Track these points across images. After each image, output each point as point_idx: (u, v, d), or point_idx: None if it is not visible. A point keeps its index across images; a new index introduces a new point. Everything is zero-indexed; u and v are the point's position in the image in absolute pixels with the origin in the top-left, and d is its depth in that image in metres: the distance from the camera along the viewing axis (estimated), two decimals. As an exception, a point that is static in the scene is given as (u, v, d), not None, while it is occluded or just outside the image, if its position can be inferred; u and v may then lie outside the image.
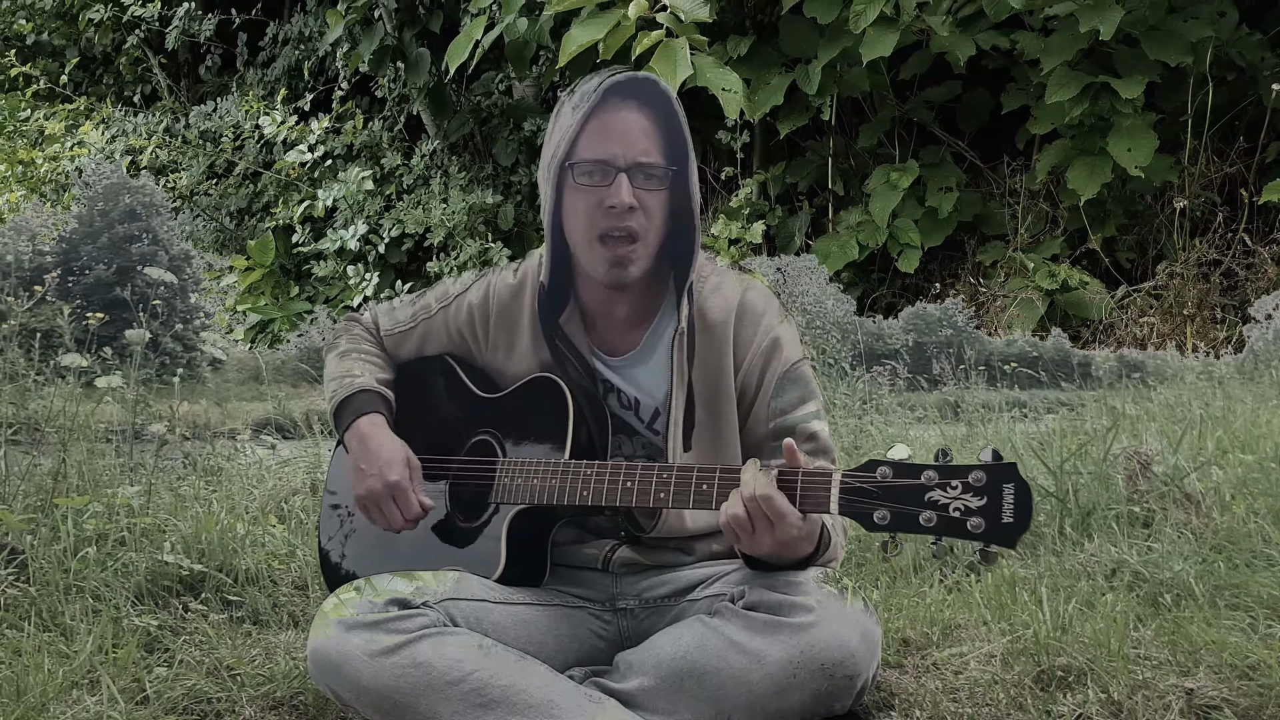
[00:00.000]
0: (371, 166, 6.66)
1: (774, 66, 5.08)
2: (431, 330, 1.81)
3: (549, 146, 1.61)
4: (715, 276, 1.69)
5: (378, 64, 6.31)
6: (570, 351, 1.66)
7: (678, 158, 1.58)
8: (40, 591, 2.08)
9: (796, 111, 5.23)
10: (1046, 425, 3.82)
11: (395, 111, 7.07)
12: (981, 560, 1.30)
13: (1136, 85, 4.30)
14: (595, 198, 1.55)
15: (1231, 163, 5.07)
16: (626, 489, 1.51)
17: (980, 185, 5.66)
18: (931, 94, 5.56)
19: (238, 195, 7.30)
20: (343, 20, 6.16)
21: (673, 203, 1.60)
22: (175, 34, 7.67)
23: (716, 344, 1.64)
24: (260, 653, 1.92)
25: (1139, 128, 4.44)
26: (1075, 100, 4.38)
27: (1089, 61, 4.50)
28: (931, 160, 5.45)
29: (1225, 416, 3.72)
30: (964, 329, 4.90)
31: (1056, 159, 4.85)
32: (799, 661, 1.43)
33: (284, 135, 6.76)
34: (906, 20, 4.37)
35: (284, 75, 7.66)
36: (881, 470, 1.34)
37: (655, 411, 1.66)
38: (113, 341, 3.55)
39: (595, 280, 1.62)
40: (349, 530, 1.80)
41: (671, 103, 1.58)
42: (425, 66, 6.21)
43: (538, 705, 1.42)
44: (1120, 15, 4.02)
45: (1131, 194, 5.08)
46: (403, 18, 6.18)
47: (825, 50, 4.72)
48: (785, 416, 1.64)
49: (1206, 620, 1.98)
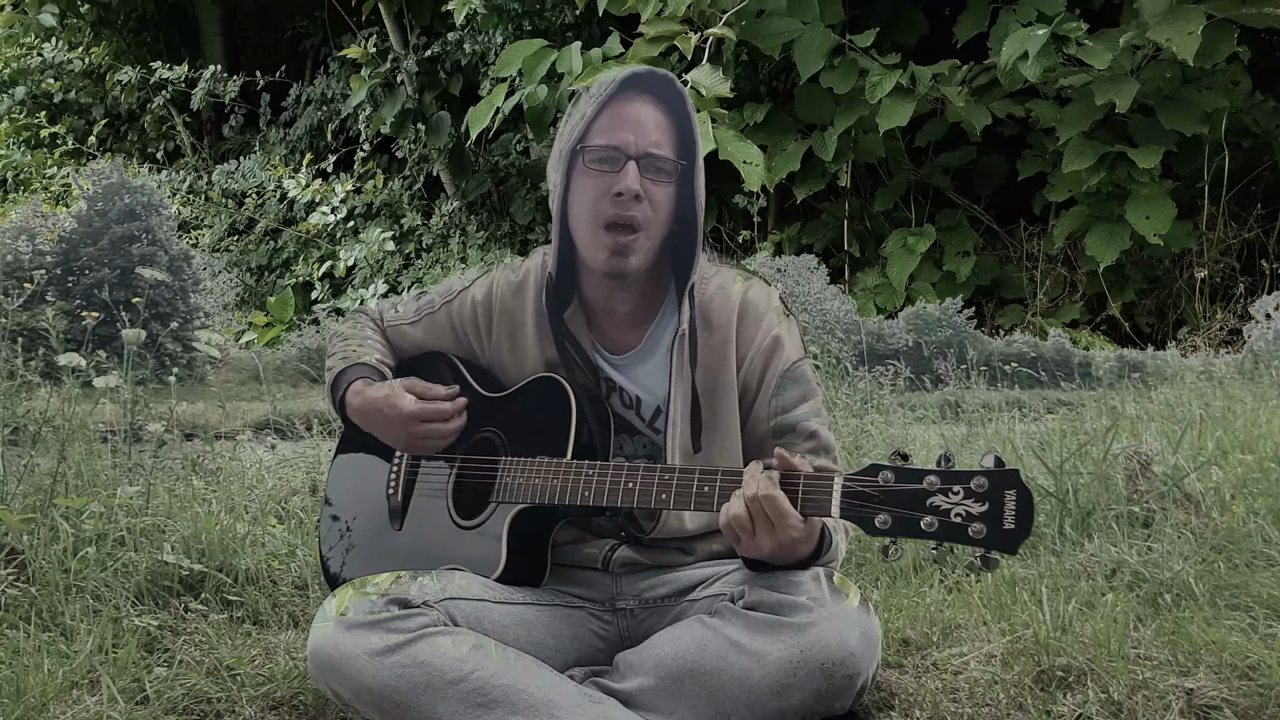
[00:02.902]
0: (391, 226, 6.80)
1: (790, 132, 5.14)
2: (435, 325, 1.81)
3: (563, 134, 1.62)
4: (717, 276, 1.69)
5: (399, 127, 6.51)
6: (574, 347, 1.66)
7: (687, 154, 1.59)
8: (40, 591, 2.07)
9: (813, 176, 5.28)
10: (1046, 425, 3.82)
11: (415, 171, 7.25)
12: (982, 565, 1.30)
13: (1153, 155, 4.33)
14: (604, 184, 1.56)
15: (1250, 228, 5.09)
16: (628, 490, 1.51)
17: (997, 249, 5.68)
18: (947, 159, 5.60)
19: (258, 252, 7.50)
20: (366, 85, 6.35)
21: (678, 200, 1.60)
22: (201, 95, 7.85)
23: (719, 343, 1.64)
24: (260, 653, 1.92)
25: (1157, 196, 4.46)
26: (1092, 169, 4.41)
27: (1105, 129, 4.51)
28: (948, 224, 5.49)
29: (1225, 416, 3.72)
30: (964, 329, 4.90)
31: (1074, 225, 4.86)
32: (799, 661, 1.43)
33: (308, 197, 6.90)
34: (922, 91, 4.41)
35: (306, 135, 7.86)
36: (883, 474, 1.34)
37: (656, 410, 1.66)
38: (111, 342, 3.55)
39: (595, 271, 1.62)
40: (349, 530, 1.80)
41: (685, 102, 1.60)
42: (445, 129, 6.40)
43: (537, 705, 1.42)
44: (1136, 88, 4.05)
45: (1150, 259, 5.09)
46: (423, 81, 6.38)
47: (841, 118, 4.77)
48: (785, 415, 1.64)
49: (1206, 620, 1.98)
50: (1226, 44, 4.07)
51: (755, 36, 4.30)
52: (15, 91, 8.96)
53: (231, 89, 7.77)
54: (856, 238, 5.68)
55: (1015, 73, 4.17)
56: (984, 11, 4.73)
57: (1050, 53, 4.00)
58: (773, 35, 4.29)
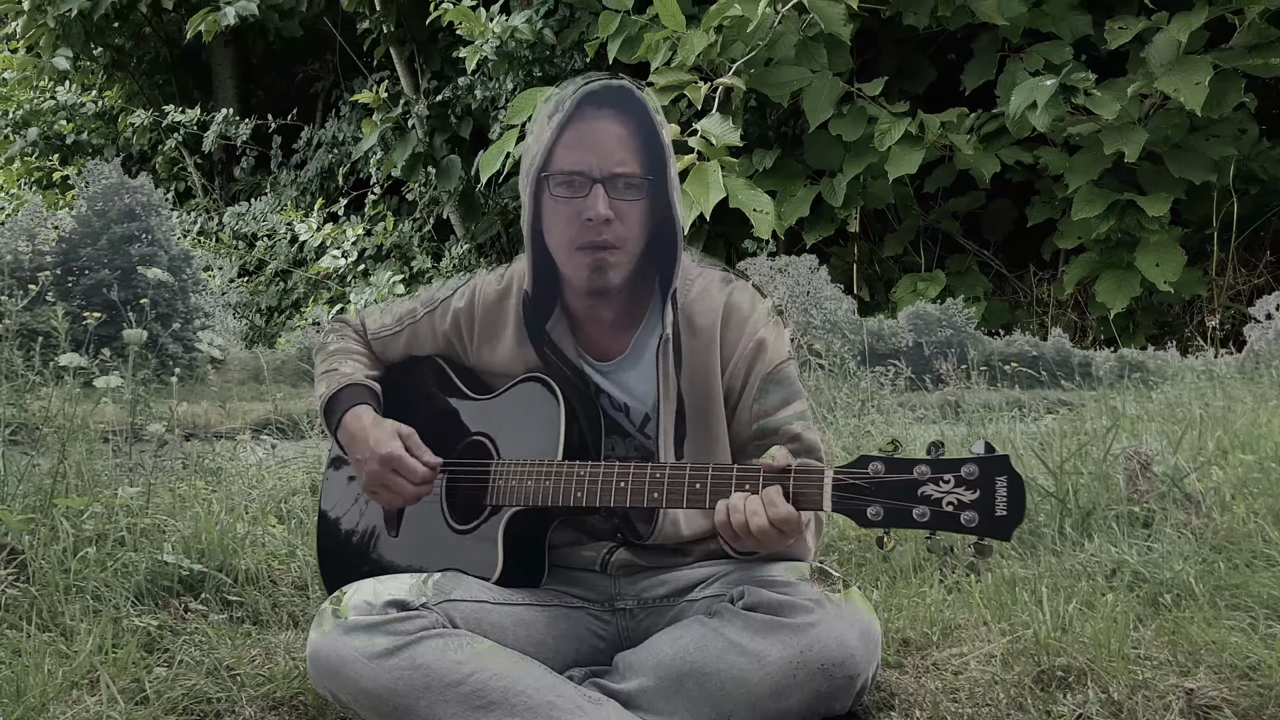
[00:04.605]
0: (402, 268, 6.90)
1: (799, 178, 5.16)
2: (417, 334, 1.80)
3: (527, 155, 1.58)
4: (701, 280, 1.67)
5: (410, 170, 6.54)
6: (558, 357, 1.65)
7: (655, 166, 1.55)
8: (40, 591, 2.07)
9: (822, 222, 5.29)
10: (1046, 425, 3.82)
11: (425, 214, 7.31)
12: (976, 554, 1.29)
13: (1162, 203, 4.34)
14: (572, 209, 1.53)
15: (1259, 274, 5.11)
16: (620, 489, 1.50)
17: (1007, 294, 5.69)
18: (956, 204, 5.62)
19: (268, 293, 7.57)
20: (377, 129, 6.41)
21: (652, 211, 1.57)
22: (213, 137, 7.98)
23: (703, 347, 1.63)
24: (260, 653, 1.92)
25: (1166, 243, 4.48)
26: (1102, 217, 4.42)
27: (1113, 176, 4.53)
28: (958, 269, 5.52)
29: (1225, 416, 3.73)
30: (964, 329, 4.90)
31: (1084, 271, 4.87)
32: (799, 662, 1.43)
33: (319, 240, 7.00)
34: (931, 139, 4.43)
35: (317, 177, 7.97)
36: (873, 466, 1.34)
37: (645, 417, 1.65)
38: (112, 342, 3.55)
39: (576, 288, 1.61)
40: (347, 542, 1.80)
41: (648, 110, 1.55)
42: (456, 172, 6.44)
43: (537, 706, 1.42)
44: (1144, 138, 4.07)
45: (1160, 305, 5.10)
46: (434, 125, 6.44)
47: (850, 165, 4.79)
48: (769, 418, 1.62)
49: (1206, 620, 1.98)
50: (1234, 94, 4.09)
51: (764, 85, 4.32)
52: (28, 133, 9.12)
53: (243, 131, 7.92)
54: (866, 282, 5.70)
55: (1024, 122, 4.19)
56: (992, 60, 4.77)
57: (1059, 103, 4.03)
58: (782, 84, 4.31)
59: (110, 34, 8.18)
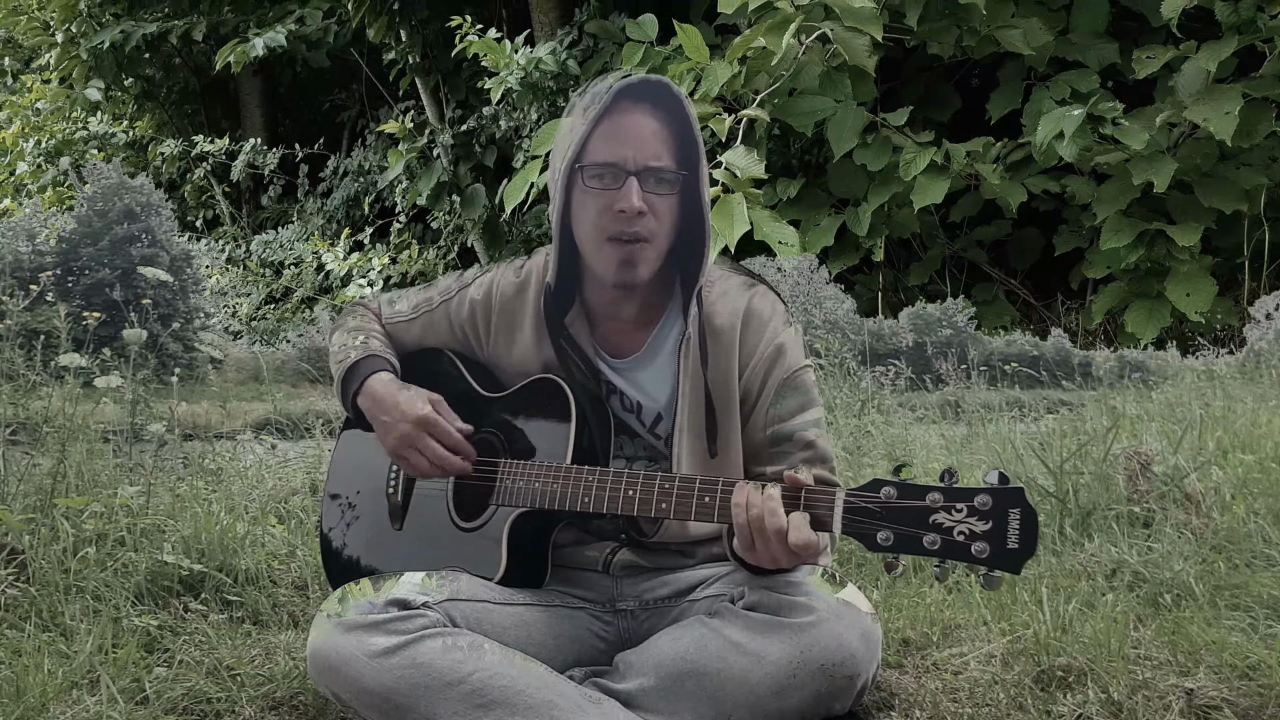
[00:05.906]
0: None
1: (823, 207, 5.14)
2: (433, 322, 1.79)
3: (559, 148, 1.59)
4: (722, 282, 1.68)
5: (435, 199, 6.64)
6: (575, 351, 1.65)
7: (689, 162, 1.56)
8: (40, 591, 2.07)
9: (847, 251, 5.27)
10: (1046, 425, 3.82)
11: (450, 242, 7.39)
12: (984, 584, 1.28)
13: (1193, 233, 4.31)
14: (605, 201, 1.54)
15: None
16: (628, 497, 1.50)
17: (1035, 322, 5.67)
18: (982, 233, 5.59)
19: (294, 320, 7.64)
20: (403, 159, 6.48)
21: (683, 207, 1.58)
22: (241, 166, 8.06)
23: (723, 350, 1.63)
24: (260, 653, 1.92)
25: (1197, 273, 4.44)
26: (1131, 246, 4.38)
27: (1142, 205, 4.49)
28: (984, 298, 5.49)
29: (1225, 416, 3.72)
30: (965, 329, 4.90)
31: (1113, 301, 4.83)
32: (799, 662, 1.43)
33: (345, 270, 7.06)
34: (957, 168, 4.42)
35: (343, 205, 8.04)
36: (886, 490, 1.33)
37: (658, 416, 1.65)
38: (112, 342, 3.55)
39: (603, 281, 1.61)
40: (351, 530, 1.80)
41: (684, 106, 1.56)
42: (480, 201, 6.52)
43: (537, 706, 1.42)
44: (1174, 168, 4.03)
45: (1189, 333, 5.07)
46: (459, 154, 6.54)
47: (875, 194, 4.77)
48: (783, 424, 1.62)
49: (1206, 620, 1.98)
50: (1265, 122, 4.06)
51: (788, 115, 4.30)
52: (60, 162, 9.29)
53: (271, 160, 8.00)
54: (891, 310, 5.68)
55: (1051, 151, 4.16)
56: (1017, 88, 4.74)
57: (1086, 132, 3.99)
58: (806, 114, 4.29)
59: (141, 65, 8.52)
